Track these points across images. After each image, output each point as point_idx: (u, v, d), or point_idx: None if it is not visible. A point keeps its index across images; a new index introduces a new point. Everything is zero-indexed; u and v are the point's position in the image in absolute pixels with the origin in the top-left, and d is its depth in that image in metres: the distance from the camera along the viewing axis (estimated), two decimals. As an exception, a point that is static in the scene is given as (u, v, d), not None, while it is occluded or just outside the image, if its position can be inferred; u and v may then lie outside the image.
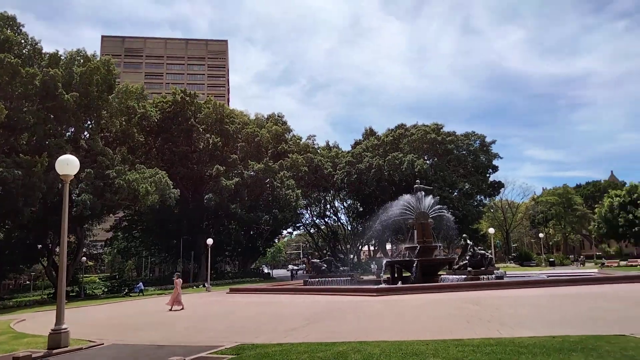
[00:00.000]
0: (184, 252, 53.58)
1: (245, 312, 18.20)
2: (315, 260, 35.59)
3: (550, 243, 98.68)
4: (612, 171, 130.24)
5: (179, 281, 21.83)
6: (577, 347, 7.83)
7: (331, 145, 77.33)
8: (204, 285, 40.50)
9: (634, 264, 53.15)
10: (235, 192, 51.21)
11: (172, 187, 42.03)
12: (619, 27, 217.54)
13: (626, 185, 75.54)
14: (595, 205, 78.18)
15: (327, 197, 74.33)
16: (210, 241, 39.72)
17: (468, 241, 27.33)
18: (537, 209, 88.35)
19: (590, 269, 43.31)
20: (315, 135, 77.16)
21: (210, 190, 50.98)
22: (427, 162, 65.33)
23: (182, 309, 20.11)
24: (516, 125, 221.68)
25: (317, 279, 31.36)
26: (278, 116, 69.93)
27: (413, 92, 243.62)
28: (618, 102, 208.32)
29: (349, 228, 78.47)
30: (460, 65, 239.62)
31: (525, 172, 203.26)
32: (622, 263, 55.41)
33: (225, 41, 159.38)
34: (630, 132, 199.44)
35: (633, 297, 16.83)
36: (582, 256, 74.76)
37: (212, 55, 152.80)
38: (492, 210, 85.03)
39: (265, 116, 70.22)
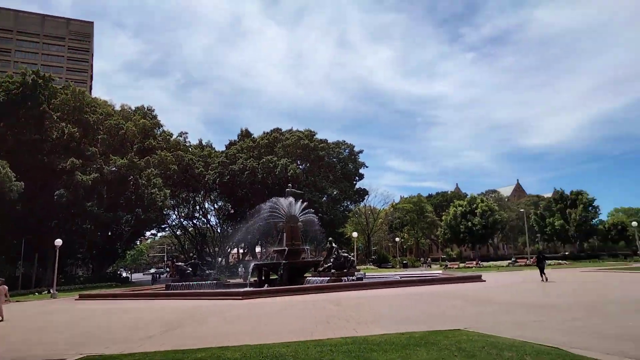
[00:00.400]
0: (27, 254, 47.01)
1: (96, 321, 16.60)
2: (179, 263, 34.03)
3: (405, 246, 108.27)
4: (457, 184, 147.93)
5: (2, 288, 18.62)
6: (421, 343, 8.64)
7: (204, 144, 75.00)
8: (49, 292, 36.02)
9: (470, 265, 60.86)
10: (92, 188, 46.61)
11: (14, 179, 36.72)
12: (468, 58, 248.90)
13: (467, 197, 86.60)
14: (443, 214, 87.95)
15: (197, 198, 71.77)
16: (59, 242, 35.44)
17: (333, 244, 28.64)
18: (395, 215, 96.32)
19: (436, 270, 48.47)
20: (187, 133, 73.95)
21: (62, 186, 45.57)
22: (300, 167, 67.16)
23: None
24: (381, 137, 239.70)
25: (180, 283, 30.03)
26: (147, 109, 65.58)
27: (290, 98, 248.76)
28: (464, 123, 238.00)
29: (219, 230, 76.78)
30: (334, 77, 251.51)
31: (387, 181, 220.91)
32: (462, 265, 63.03)
33: (91, 23, 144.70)
34: (472, 150, 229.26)
35: (468, 295, 19.23)
36: (429, 259, 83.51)
37: (75, 37, 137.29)
38: (356, 216, 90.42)
39: (133, 108, 65.35)
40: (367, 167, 74.05)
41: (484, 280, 27.65)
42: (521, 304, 15.69)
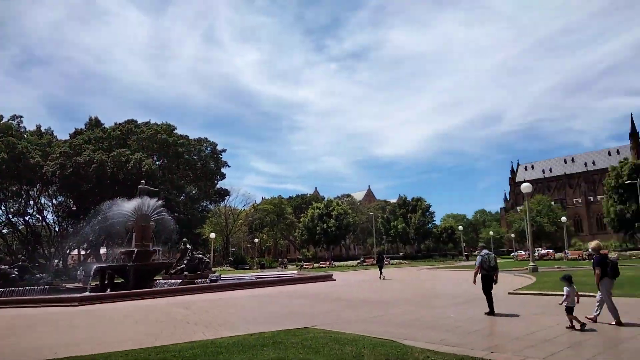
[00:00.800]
0: None
1: None
2: (3, 266, 29.34)
3: (264, 247, 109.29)
4: (316, 187, 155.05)
5: None
6: (269, 343, 8.71)
7: (44, 130, 66.12)
8: None
9: (323, 265, 63.97)
10: None
11: None
12: (331, 68, 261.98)
13: (325, 200, 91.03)
14: (301, 215, 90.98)
15: (31, 192, 62.79)
16: None
17: (187, 245, 27.59)
18: (255, 216, 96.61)
19: (292, 271, 49.83)
20: (22, 117, 64.01)
21: None
22: (157, 162, 63.29)
23: None
24: (245, 137, 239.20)
25: (2, 290, 25.89)
26: (-31, 85, 55.60)
27: (149, 89, 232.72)
28: (324, 130, 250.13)
29: (57, 229, 68.16)
30: (200, 72, 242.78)
31: (249, 182, 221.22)
32: (316, 265, 65.86)
33: None
34: (331, 156, 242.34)
35: (318, 294, 20.11)
36: (286, 259, 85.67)
37: None
38: (216, 216, 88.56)
39: (-51, 82, 54.87)
40: (229, 166, 73.06)
41: (335, 280, 29.25)
42: (365, 301, 16.91)
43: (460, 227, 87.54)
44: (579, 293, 9.99)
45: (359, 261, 68.21)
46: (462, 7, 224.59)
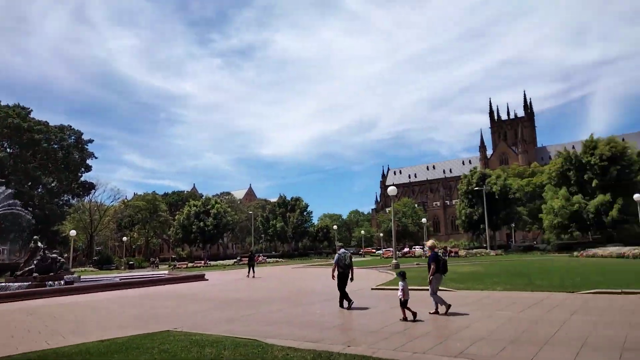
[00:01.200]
0: None
1: None
2: None
3: (134, 246, 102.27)
4: (194, 184, 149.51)
5: None
6: (122, 348, 8.11)
7: None
8: None
9: (198, 265, 61.95)
10: None
11: None
12: (215, 63, 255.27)
13: (203, 197, 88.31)
14: (177, 213, 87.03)
15: None
16: None
17: (39, 244, 24.61)
18: (125, 213, 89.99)
19: (163, 271, 47.35)
20: None
21: None
22: (7, 150, 55.70)
23: None
24: (117, 128, 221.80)
25: None
26: None
27: (3, 67, 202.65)
28: (206, 126, 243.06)
29: None
30: (66, 52, 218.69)
31: (120, 176, 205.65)
32: (190, 265, 63.50)
33: None
34: (212, 152, 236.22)
35: (187, 295, 19.41)
36: (157, 259, 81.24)
37: None
38: (79, 212, 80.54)
39: None
40: (96, 158, 67.34)
41: (207, 279, 28.49)
42: (236, 300, 16.71)
43: (335, 227, 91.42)
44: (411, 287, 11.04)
45: (235, 260, 67.34)
46: (343, 17, 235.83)
